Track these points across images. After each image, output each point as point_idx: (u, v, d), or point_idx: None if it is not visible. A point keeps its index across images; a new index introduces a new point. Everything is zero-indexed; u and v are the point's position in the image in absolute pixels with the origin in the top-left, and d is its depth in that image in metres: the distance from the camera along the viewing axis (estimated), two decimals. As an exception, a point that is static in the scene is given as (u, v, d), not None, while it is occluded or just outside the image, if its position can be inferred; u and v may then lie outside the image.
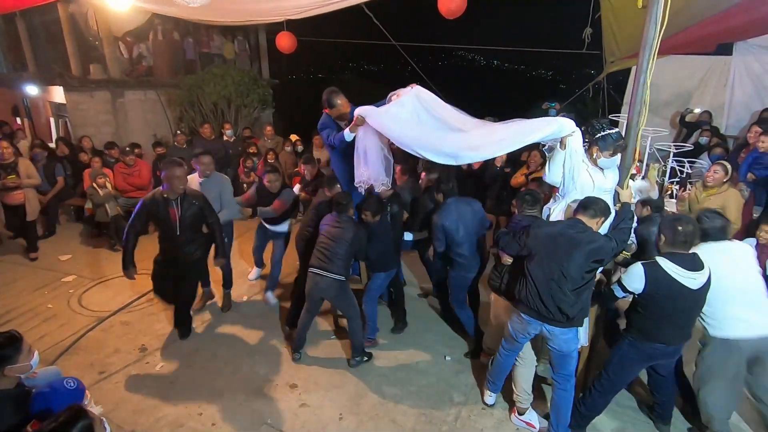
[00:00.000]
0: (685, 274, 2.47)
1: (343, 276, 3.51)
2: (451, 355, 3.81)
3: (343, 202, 3.54)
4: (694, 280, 2.47)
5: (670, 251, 2.54)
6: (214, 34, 10.16)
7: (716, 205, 4.03)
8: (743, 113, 6.87)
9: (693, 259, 2.52)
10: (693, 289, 2.47)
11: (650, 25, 2.52)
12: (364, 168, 3.47)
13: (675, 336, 2.61)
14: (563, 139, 2.83)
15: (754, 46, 6.69)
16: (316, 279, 3.50)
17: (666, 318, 2.55)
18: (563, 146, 2.84)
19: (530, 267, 2.71)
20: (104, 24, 8.09)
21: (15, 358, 2.04)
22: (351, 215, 3.59)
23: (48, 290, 4.92)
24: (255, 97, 8.96)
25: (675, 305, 2.52)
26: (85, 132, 7.87)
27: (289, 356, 3.79)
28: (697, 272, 2.49)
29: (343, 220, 3.52)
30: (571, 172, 2.88)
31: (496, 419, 3.15)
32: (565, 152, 2.85)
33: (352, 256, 3.57)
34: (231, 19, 7.04)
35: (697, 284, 2.48)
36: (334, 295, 3.55)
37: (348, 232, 3.47)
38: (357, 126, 3.39)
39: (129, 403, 3.27)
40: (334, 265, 3.45)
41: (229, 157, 7.25)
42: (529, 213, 3.11)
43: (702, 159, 5.28)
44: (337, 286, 3.50)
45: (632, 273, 2.56)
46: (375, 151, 3.43)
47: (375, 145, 3.43)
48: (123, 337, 4.07)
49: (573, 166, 2.85)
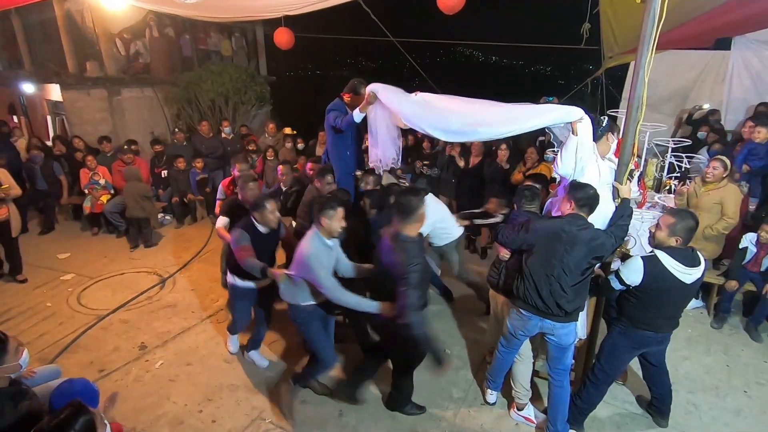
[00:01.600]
0: (683, 269, 2.50)
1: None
2: (450, 350, 3.82)
3: (344, 198, 3.39)
4: (689, 275, 2.51)
5: (670, 246, 2.55)
6: (211, 31, 10.09)
7: (715, 200, 4.05)
8: (741, 108, 6.85)
9: (692, 255, 2.54)
10: (687, 284, 2.52)
11: (648, 20, 2.51)
12: (377, 148, 3.51)
13: (664, 324, 2.68)
14: (573, 125, 2.74)
15: (753, 41, 6.67)
16: None
17: (657, 308, 2.61)
18: (575, 132, 2.75)
19: (529, 262, 2.70)
20: (100, 21, 8.03)
21: (2, 359, 2.05)
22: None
23: (47, 289, 4.91)
24: (253, 94, 8.92)
25: (668, 298, 2.58)
26: (82, 130, 7.85)
27: (288, 352, 3.79)
28: (694, 268, 2.52)
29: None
30: (581, 163, 2.79)
31: (495, 415, 3.17)
32: (577, 139, 2.75)
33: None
34: (228, 16, 7.00)
35: (691, 279, 2.52)
36: None
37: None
38: (369, 104, 3.38)
39: (129, 401, 3.27)
40: None
41: (227, 154, 7.23)
42: (527, 209, 3.11)
43: (701, 154, 5.28)
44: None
45: (632, 266, 2.57)
46: (384, 128, 3.45)
47: (384, 123, 3.44)
48: (122, 335, 4.07)
49: (583, 156, 2.77)
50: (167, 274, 5.23)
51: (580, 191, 2.61)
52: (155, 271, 5.33)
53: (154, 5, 6.44)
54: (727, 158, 4.12)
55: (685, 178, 4.59)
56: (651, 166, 4.55)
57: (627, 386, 3.39)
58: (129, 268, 5.42)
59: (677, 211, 2.64)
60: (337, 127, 3.65)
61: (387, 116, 3.41)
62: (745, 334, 4.06)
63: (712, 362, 3.71)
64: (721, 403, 3.28)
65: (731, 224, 4.04)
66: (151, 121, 9.04)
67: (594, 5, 6.82)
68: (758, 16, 5.17)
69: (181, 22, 9.11)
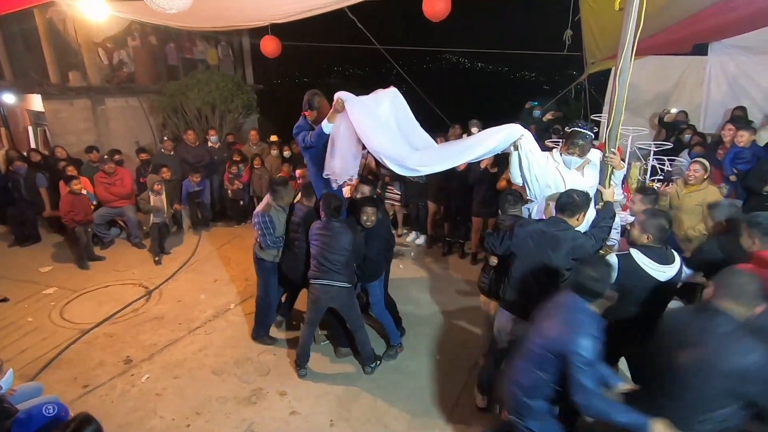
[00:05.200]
0: (656, 267, 2.55)
1: (350, 283, 3.45)
2: (440, 355, 3.82)
3: (336, 204, 3.38)
4: (663, 273, 2.56)
5: (643, 244, 2.60)
6: (196, 40, 10.06)
7: (696, 202, 4.13)
8: (719, 112, 7.05)
9: (665, 254, 2.61)
10: (661, 281, 2.56)
11: (627, 26, 2.58)
12: (335, 160, 3.32)
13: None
14: (515, 141, 2.97)
15: (729, 47, 6.88)
16: (323, 290, 3.40)
17: (633, 305, 2.62)
18: (515, 147, 3.00)
19: (514, 266, 2.76)
20: (83, 30, 7.94)
21: None
22: (342, 219, 3.47)
23: (28, 303, 4.79)
24: (239, 102, 8.88)
25: (642, 295, 2.60)
26: (66, 140, 7.72)
27: (279, 364, 3.75)
28: (668, 265, 2.57)
29: (336, 225, 3.39)
30: (531, 173, 3.00)
31: (487, 420, 3.16)
32: (518, 153, 2.99)
33: (354, 262, 3.48)
34: (213, 25, 6.98)
35: (665, 277, 2.56)
36: (344, 303, 3.48)
37: (344, 237, 3.35)
38: (336, 113, 3.23)
39: (115, 417, 3.19)
40: (340, 273, 3.37)
41: (214, 163, 7.17)
42: (511, 212, 3.22)
43: (682, 157, 5.40)
44: (346, 293, 3.44)
45: None
46: (347, 142, 3.28)
47: (348, 137, 3.27)
48: (107, 349, 3.98)
49: (531, 165, 2.98)
50: (153, 285, 5.14)
51: (563, 196, 2.69)
52: (141, 282, 5.23)
53: (137, 15, 6.39)
54: (707, 161, 4.22)
55: (668, 181, 4.68)
56: (634, 169, 4.63)
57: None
58: (114, 280, 5.31)
59: (651, 210, 2.71)
60: (308, 145, 3.50)
61: (352, 131, 3.24)
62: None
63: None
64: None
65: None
66: (137, 131, 8.93)
67: (575, 12, 6.98)
68: (732, 23, 5.34)
69: (165, 30, 9.06)
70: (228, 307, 4.66)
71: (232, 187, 6.98)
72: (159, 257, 5.84)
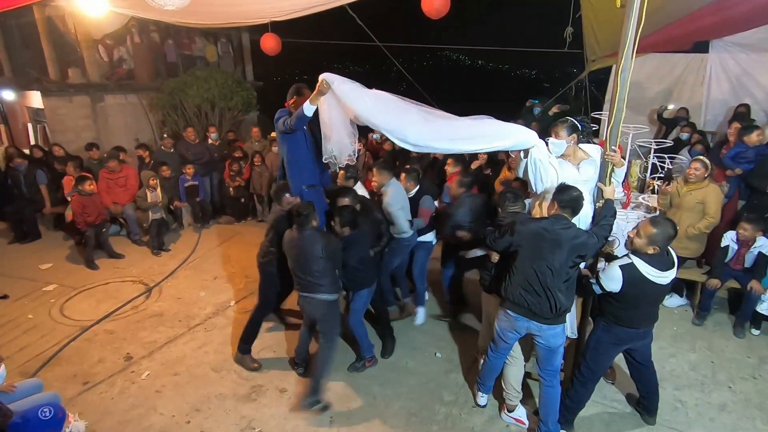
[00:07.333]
0: (659, 274, 2.58)
1: (333, 293, 3.26)
2: (440, 353, 3.82)
3: (304, 213, 3.11)
4: (665, 278, 2.61)
5: (647, 252, 2.60)
6: (196, 37, 10.04)
7: (696, 200, 4.14)
8: (720, 109, 7.04)
9: (667, 260, 2.63)
10: (663, 285, 2.63)
11: (628, 24, 2.57)
12: (331, 142, 3.15)
13: (644, 320, 2.78)
14: (526, 150, 2.98)
15: (730, 44, 6.86)
16: (306, 301, 3.32)
17: (636, 308, 2.71)
18: (525, 155, 3.02)
19: (516, 263, 2.75)
20: (82, 27, 7.92)
21: None
22: (315, 226, 3.20)
23: (28, 300, 4.79)
24: (239, 99, 8.88)
25: (646, 299, 2.69)
26: (65, 137, 7.71)
27: (278, 361, 3.75)
28: (669, 271, 2.61)
29: (306, 234, 3.14)
30: (536, 176, 3.04)
31: (486, 417, 3.17)
32: (527, 160, 3.02)
33: (334, 270, 3.25)
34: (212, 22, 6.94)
35: (666, 281, 2.63)
36: (322, 314, 3.29)
37: (316, 244, 3.12)
38: (321, 94, 3.03)
39: (114, 414, 3.20)
40: (320, 285, 3.18)
41: (214, 161, 7.17)
42: (511, 209, 3.20)
43: (682, 154, 5.39)
44: (325, 306, 3.25)
45: (610, 275, 2.65)
46: (340, 120, 3.11)
47: (340, 114, 3.08)
48: (107, 347, 3.98)
49: (537, 170, 3.02)
50: (153, 282, 5.14)
51: (564, 193, 2.69)
52: (141, 279, 5.23)
53: (136, 11, 6.35)
54: (707, 159, 4.21)
55: (669, 178, 4.67)
56: (635, 167, 4.63)
57: (616, 385, 3.42)
58: (113, 277, 5.31)
59: (657, 220, 2.65)
60: (287, 131, 3.32)
61: (341, 110, 3.07)
62: (729, 331, 4.14)
63: (697, 359, 3.76)
64: (706, 398, 3.33)
65: (713, 223, 4.13)
66: (136, 128, 8.93)
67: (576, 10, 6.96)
68: (733, 20, 5.33)
69: (164, 27, 9.04)
70: (228, 305, 4.67)
71: (233, 184, 6.98)
72: (157, 251, 5.88)
